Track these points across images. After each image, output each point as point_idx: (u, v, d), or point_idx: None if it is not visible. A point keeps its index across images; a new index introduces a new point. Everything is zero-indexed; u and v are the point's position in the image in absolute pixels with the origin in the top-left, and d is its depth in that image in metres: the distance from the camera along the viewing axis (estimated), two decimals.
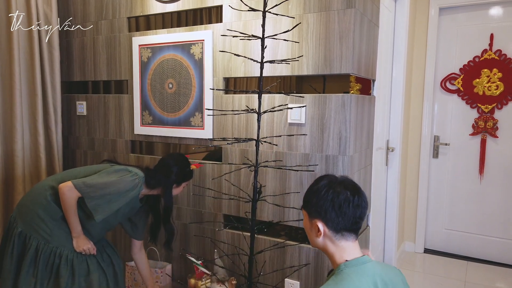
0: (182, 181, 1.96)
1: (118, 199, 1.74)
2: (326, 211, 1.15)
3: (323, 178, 1.21)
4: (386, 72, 2.81)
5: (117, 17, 2.51)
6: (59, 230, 1.76)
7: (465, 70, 3.30)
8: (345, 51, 1.83)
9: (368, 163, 2.26)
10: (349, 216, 1.15)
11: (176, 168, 1.91)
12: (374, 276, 1.13)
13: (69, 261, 1.75)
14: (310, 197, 1.20)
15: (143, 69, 2.41)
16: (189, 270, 2.37)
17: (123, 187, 1.74)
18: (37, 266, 1.71)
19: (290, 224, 2.04)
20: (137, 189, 1.79)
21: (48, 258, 1.73)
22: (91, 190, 1.69)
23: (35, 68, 2.48)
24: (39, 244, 1.73)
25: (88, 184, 1.70)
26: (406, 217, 3.56)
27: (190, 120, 2.28)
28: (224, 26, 2.13)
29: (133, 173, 1.79)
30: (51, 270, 1.73)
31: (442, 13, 3.35)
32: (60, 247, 1.74)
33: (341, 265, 1.14)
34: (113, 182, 1.73)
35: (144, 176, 1.83)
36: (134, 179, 1.78)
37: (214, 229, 2.28)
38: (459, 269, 3.18)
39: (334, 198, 1.14)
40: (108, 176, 1.75)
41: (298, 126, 1.97)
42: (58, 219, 1.76)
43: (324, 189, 1.17)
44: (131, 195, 1.77)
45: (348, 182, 1.19)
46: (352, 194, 1.15)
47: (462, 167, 3.38)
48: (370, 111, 2.22)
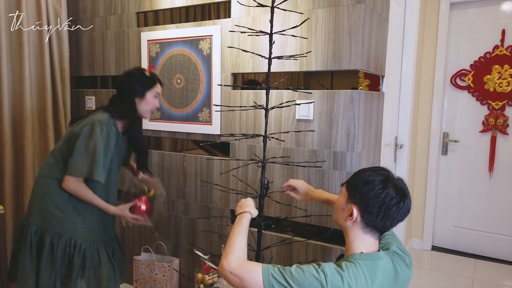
0: (145, 90, 1.83)
1: (105, 154, 1.73)
2: (371, 205, 1.14)
3: (380, 173, 1.18)
4: (396, 68, 2.78)
5: (126, 12, 2.52)
6: (69, 222, 1.79)
7: (476, 66, 3.26)
8: (354, 47, 1.81)
9: (376, 159, 2.25)
10: (391, 220, 1.15)
11: (127, 80, 1.83)
12: (384, 273, 1.13)
13: (82, 251, 1.79)
14: (360, 185, 1.17)
15: (151, 64, 2.42)
16: (196, 265, 2.39)
17: (100, 144, 1.71)
18: (55, 260, 1.76)
19: (297, 220, 2.04)
20: (111, 133, 1.75)
21: (64, 250, 1.78)
22: (81, 166, 1.70)
23: (45, 63, 2.50)
24: (53, 239, 1.77)
25: (77, 165, 1.71)
26: (414, 214, 3.54)
27: (198, 116, 2.28)
28: (232, 21, 2.12)
29: (97, 124, 1.73)
30: (67, 259, 1.79)
31: (453, 8, 3.30)
32: (74, 237, 1.78)
33: (356, 255, 1.15)
34: (88, 148, 1.71)
35: (108, 114, 1.79)
36: (102, 129, 1.72)
37: (222, 224, 2.29)
38: (467, 267, 3.16)
39: (385, 198, 1.13)
40: (83, 144, 1.72)
41: (306, 122, 1.96)
42: (66, 211, 1.78)
43: (379, 185, 1.15)
44: (110, 142, 1.75)
45: (402, 186, 1.18)
46: (403, 201, 1.15)
47: (472, 164, 3.35)
48: (378, 108, 2.20)
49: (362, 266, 1.11)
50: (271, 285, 1.04)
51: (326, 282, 1.03)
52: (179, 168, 2.41)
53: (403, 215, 1.16)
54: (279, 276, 1.05)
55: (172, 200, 2.46)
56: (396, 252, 1.23)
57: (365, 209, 1.15)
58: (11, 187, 2.41)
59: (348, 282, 1.05)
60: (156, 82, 1.89)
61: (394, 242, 1.27)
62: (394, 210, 1.13)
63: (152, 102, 1.87)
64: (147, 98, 1.84)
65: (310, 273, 1.05)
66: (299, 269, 1.06)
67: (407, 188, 1.19)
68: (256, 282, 1.05)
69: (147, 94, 1.84)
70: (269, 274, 1.06)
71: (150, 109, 1.88)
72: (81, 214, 1.81)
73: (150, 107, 1.87)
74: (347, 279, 1.05)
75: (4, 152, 2.36)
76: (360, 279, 1.08)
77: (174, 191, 2.44)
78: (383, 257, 1.16)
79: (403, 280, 1.20)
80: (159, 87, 1.91)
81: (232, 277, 1.09)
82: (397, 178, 1.20)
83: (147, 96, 1.84)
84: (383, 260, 1.15)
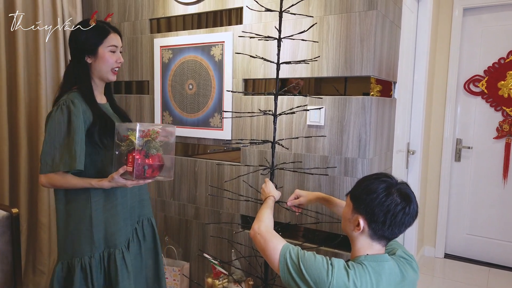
0: (95, 46, 1.49)
1: (69, 136, 1.42)
2: (376, 215, 1.14)
3: (382, 180, 1.17)
4: (408, 74, 2.77)
5: (139, 19, 2.55)
6: (65, 243, 1.53)
7: (490, 72, 3.22)
8: (366, 53, 1.81)
9: (388, 166, 2.24)
10: (399, 226, 1.15)
11: (71, 38, 1.52)
12: (390, 276, 1.14)
13: (86, 266, 1.52)
14: (364, 195, 1.17)
15: (164, 70, 2.45)
16: (206, 270, 2.40)
17: (56, 129, 1.42)
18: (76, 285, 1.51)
19: (307, 227, 2.04)
20: (74, 110, 1.42)
21: (78, 273, 1.51)
22: (44, 161, 1.42)
23: (60, 68, 2.54)
24: (64, 266, 1.54)
25: (41, 161, 1.43)
26: (426, 221, 3.50)
27: (209, 121, 2.30)
28: (244, 28, 2.14)
29: (54, 108, 1.45)
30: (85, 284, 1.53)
31: (466, 13, 3.27)
32: (73, 259, 1.51)
33: (362, 257, 1.17)
34: (47, 138, 1.43)
35: (62, 88, 1.52)
36: (59, 110, 1.43)
37: (232, 230, 2.29)
38: (481, 276, 3.10)
39: (390, 205, 1.13)
40: (45, 137, 1.45)
41: (317, 128, 1.96)
42: (61, 229, 1.54)
43: (383, 193, 1.14)
44: (74, 120, 1.42)
45: (406, 190, 1.17)
46: (409, 205, 1.14)
47: (485, 171, 3.30)
48: (390, 114, 2.19)
49: (368, 267, 1.13)
50: (285, 256, 1.16)
51: (332, 275, 1.09)
52: (190, 172, 2.43)
53: (410, 220, 1.15)
54: (294, 253, 1.16)
55: (182, 204, 2.47)
56: (403, 256, 1.24)
57: (371, 219, 1.15)
58: (25, 190, 2.46)
59: (354, 279, 1.08)
60: (107, 32, 1.52)
61: (399, 248, 1.28)
62: (400, 216, 1.13)
63: (109, 58, 1.51)
64: (100, 55, 1.50)
65: (320, 262, 1.12)
66: (312, 255, 1.15)
67: (411, 191, 1.18)
68: (275, 249, 1.19)
69: (99, 50, 1.50)
70: (288, 248, 1.19)
71: (110, 67, 1.53)
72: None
73: (108, 65, 1.52)
74: (353, 277, 1.09)
75: (19, 156, 2.41)
76: (366, 279, 1.10)
77: (185, 195, 2.46)
78: (389, 259, 1.17)
79: (410, 283, 1.19)
80: (114, 38, 1.53)
81: (259, 238, 1.26)
82: (400, 183, 1.19)
83: (99, 52, 1.50)
84: (389, 262, 1.16)
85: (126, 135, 1.42)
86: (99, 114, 1.50)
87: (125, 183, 1.44)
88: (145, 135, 1.41)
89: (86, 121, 1.46)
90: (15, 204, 2.43)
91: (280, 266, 1.17)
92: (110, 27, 1.54)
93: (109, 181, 1.43)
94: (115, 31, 1.55)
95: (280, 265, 1.16)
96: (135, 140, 1.39)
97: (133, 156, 1.38)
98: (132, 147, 1.40)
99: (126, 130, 1.43)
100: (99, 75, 1.54)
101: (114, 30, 1.54)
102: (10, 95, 2.37)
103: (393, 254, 1.23)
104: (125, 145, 1.42)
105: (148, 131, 1.42)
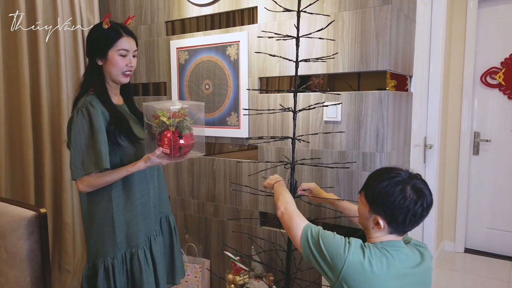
0: (105, 49, 1.49)
1: (93, 138, 1.44)
2: (396, 215, 1.17)
3: (396, 181, 1.18)
4: (423, 67, 2.75)
5: (156, 22, 2.60)
6: (89, 244, 1.58)
7: (507, 64, 3.18)
8: (381, 48, 1.82)
9: (405, 160, 2.24)
10: (420, 218, 1.19)
11: (87, 41, 1.54)
12: (405, 261, 1.18)
13: (108, 267, 1.55)
14: (380, 198, 1.18)
15: (180, 71, 2.49)
16: (227, 266, 2.43)
17: (80, 132, 1.45)
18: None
19: (327, 222, 2.05)
20: (93, 111, 1.45)
21: (103, 273, 1.55)
22: (74, 166, 1.44)
23: (80, 72, 2.61)
24: (90, 267, 1.58)
25: (75, 163, 1.45)
26: (445, 216, 3.47)
27: (226, 120, 2.33)
28: (259, 27, 2.16)
29: (75, 112, 1.48)
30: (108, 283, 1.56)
31: (481, 5, 3.24)
32: (97, 259, 1.55)
33: (378, 242, 1.21)
34: (73, 143, 1.45)
35: (81, 87, 1.55)
36: (80, 112, 1.45)
37: (251, 226, 2.32)
38: (502, 269, 3.07)
39: (409, 206, 1.16)
40: (73, 138, 1.46)
41: (334, 124, 1.98)
42: (86, 230, 1.59)
43: (400, 196, 1.16)
44: (95, 121, 1.44)
45: (420, 185, 1.19)
46: (425, 199, 1.18)
47: (504, 164, 3.26)
48: (407, 108, 2.19)
49: (383, 250, 1.18)
50: (306, 233, 1.26)
51: (348, 251, 1.15)
52: (208, 171, 2.47)
53: (428, 211, 1.20)
54: (315, 231, 1.26)
55: (202, 202, 2.51)
56: (418, 244, 1.29)
57: (391, 219, 1.19)
58: (50, 191, 2.53)
59: (369, 258, 1.14)
60: (119, 35, 1.50)
61: (411, 239, 1.33)
62: (420, 212, 1.17)
63: (119, 62, 1.50)
64: (109, 58, 1.49)
65: (338, 239, 1.20)
66: (332, 234, 1.23)
67: (424, 183, 1.21)
68: (298, 227, 1.30)
69: (108, 53, 1.49)
70: (310, 226, 1.28)
71: (120, 71, 1.52)
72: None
73: (118, 69, 1.51)
74: (368, 255, 1.15)
75: (43, 159, 2.48)
76: (380, 259, 1.15)
77: (204, 194, 2.50)
78: (405, 246, 1.22)
79: (428, 269, 1.23)
80: (126, 42, 1.51)
81: (286, 217, 1.37)
82: (413, 177, 1.21)
83: (109, 55, 1.49)
84: (405, 248, 1.21)
85: (156, 115, 1.43)
86: (115, 114, 1.52)
87: (161, 161, 1.46)
88: (177, 116, 1.42)
89: (104, 121, 1.48)
90: (41, 205, 2.50)
91: (301, 242, 1.26)
92: (124, 30, 1.53)
93: (145, 161, 1.45)
94: (129, 34, 1.54)
95: (302, 240, 1.26)
96: (166, 120, 1.40)
97: (168, 138, 1.41)
98: (163, 128, 1.42)
99: (155, 110, 1.44)
100: (111, 77, 1.55)
101: (127, 34, 1.53)
102: (33, 99, 2.45)
103: (407, 243, 1.28)
104: (156, 126, 1.43)
105: (180, 110, 1.43)
